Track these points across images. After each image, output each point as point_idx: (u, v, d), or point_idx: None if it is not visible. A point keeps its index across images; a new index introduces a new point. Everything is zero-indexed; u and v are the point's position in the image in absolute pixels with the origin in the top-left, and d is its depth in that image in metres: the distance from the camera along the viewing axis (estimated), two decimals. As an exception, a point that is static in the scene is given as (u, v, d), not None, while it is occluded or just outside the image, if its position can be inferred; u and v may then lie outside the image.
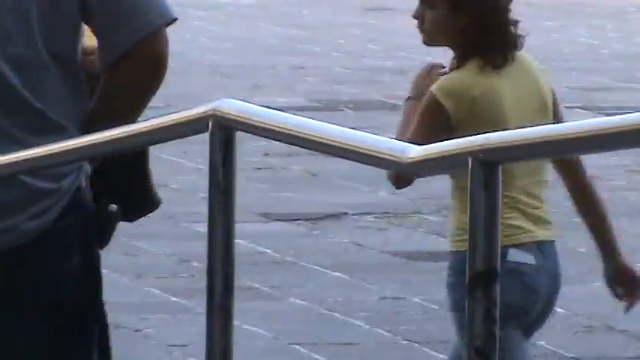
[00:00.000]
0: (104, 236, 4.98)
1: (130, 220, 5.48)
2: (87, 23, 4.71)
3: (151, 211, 5.58)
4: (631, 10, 21.23)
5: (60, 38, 4.72)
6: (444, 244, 11.09)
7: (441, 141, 2.91)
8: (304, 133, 3.23)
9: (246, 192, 12.04)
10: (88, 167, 4.75)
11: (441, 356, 8.50)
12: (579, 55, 18.21)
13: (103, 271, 4.96)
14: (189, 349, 9.46)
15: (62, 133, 4.59)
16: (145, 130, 4.01)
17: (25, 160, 4.48)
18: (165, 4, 4.80)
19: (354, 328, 9.13)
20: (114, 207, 4.94)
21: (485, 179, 2.29)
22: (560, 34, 19.43)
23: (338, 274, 11.43)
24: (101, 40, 4.68)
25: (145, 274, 11.76)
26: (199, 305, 8.46)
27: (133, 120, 4.71)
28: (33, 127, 4.61)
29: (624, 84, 16.74)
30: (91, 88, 5.22)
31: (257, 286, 11.02)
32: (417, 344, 8.81)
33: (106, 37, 4.63)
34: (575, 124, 2.30)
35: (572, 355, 8.62)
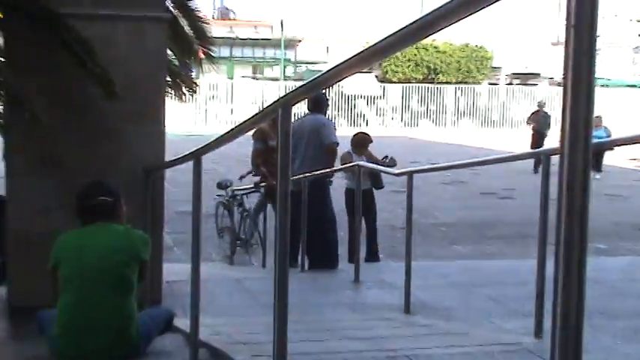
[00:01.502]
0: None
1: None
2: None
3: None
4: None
5: (320, 141, 9.40)
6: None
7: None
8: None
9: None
10: None
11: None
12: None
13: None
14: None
15: (320, 164, 9.21)
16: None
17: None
18: (335, 135, 9.53)
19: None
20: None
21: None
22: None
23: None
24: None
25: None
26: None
27: (330, 163, 9.51)
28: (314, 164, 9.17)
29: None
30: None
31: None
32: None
33: (316, 148, 9.31)
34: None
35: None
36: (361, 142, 10.93)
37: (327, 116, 10.48)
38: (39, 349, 5.10)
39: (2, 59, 6.76)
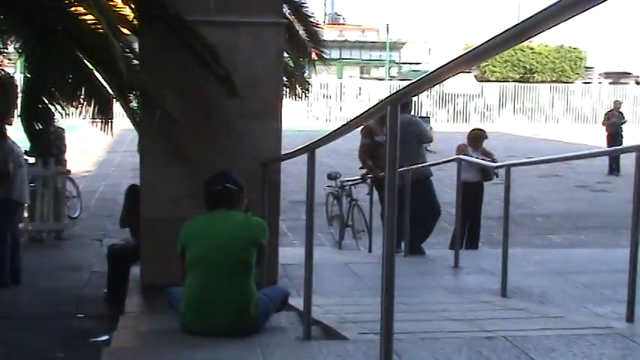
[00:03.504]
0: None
1: None
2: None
3: None
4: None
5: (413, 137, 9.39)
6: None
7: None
8: None
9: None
10: None
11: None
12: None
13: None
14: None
15: (410, 159, 9.10)
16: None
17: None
18: (429, 132, 9.95)
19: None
20: None
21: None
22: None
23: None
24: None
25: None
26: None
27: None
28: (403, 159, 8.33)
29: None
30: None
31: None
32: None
33: (407, 144, 8.87)
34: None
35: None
36: (476, 137, 11.01)
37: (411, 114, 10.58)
38: (170, 323, 5.23)
39: (138, 62, 6.93)
